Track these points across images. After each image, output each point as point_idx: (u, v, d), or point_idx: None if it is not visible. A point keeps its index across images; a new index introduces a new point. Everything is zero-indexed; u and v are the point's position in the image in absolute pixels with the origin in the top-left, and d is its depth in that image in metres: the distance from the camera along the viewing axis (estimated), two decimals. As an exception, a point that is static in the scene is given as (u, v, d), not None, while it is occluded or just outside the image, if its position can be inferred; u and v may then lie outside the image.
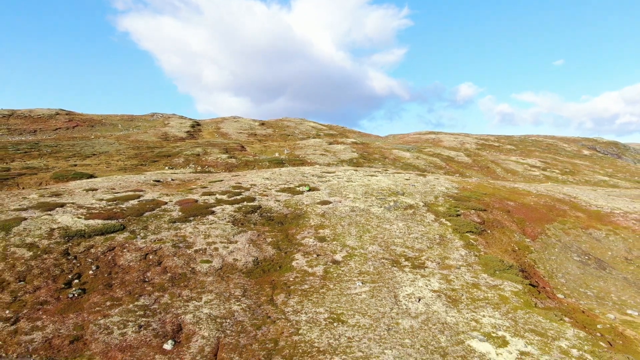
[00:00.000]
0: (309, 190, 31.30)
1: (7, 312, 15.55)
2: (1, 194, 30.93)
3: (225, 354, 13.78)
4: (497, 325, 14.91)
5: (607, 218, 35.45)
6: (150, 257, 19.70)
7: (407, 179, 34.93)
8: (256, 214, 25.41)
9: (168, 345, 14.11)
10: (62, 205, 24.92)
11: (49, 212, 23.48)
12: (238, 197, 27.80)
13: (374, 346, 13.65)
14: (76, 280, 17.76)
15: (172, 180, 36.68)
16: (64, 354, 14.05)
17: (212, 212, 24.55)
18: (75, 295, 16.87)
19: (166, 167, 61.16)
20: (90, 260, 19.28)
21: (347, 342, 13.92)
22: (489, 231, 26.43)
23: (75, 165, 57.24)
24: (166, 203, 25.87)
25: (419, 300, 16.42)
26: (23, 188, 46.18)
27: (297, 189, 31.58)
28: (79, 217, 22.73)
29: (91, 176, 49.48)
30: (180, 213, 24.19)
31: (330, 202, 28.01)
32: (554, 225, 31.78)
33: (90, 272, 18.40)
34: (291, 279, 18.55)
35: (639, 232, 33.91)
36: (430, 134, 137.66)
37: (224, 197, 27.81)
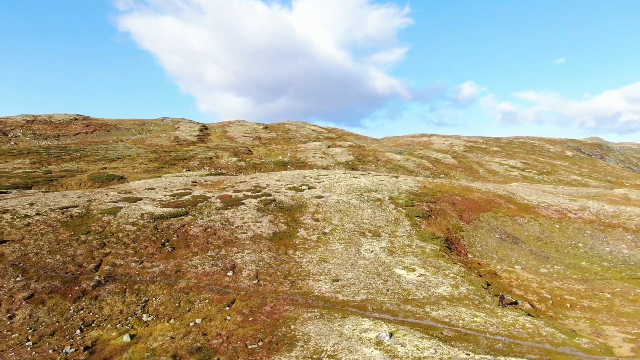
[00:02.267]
0: (309, 188, 42.89)
1: (135, 258, 27.24)
2: (87, 191, 42.69)
3: (262, 277, 25.43)
4: (413, 263, 26.50)
5: (533, 209, 46.78)
6: (208, 230, 31.40)
7: (381, 180, 46.56)
8: (272, 204, 37.06)
9: (230, 273, 25.76)
10: (140, 199, 36.62)
11: (134, 203, 35.19)
12: (259, 193, 39.48)
13: (343, 272, 25.28)
14: (167, 243, 29.45)
15: (205, 181, 48.38)
16: (173, 277, 25.73)
17: (243, 203, 36.23)
18: (169, 250, 28.55)
19: (184, 170, 71.16)
20: (171, 232, 30.97)
21: (328, 271, 25.57)
22: (433, 217, 38.00)
23: (105, 168, 67.83)
24: (210, 197, 37.56)
25: (372, 252, 28.03)
26: (67, 188, 57.39)
27: (300, 187, 43.16)
28: (156, 207, 34.45)
29: (122, 178, 60.67)
30: (221, 204, 35.88)
31: (323, 197, 39.62)
32: (488, 214, 43.23)
33: (174, 238, 30.08)
34: (297, 242, 30.21)
35: (554, 219, 45.35)
36: (423, 137, 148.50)
37: (249, 193, 39.50)
